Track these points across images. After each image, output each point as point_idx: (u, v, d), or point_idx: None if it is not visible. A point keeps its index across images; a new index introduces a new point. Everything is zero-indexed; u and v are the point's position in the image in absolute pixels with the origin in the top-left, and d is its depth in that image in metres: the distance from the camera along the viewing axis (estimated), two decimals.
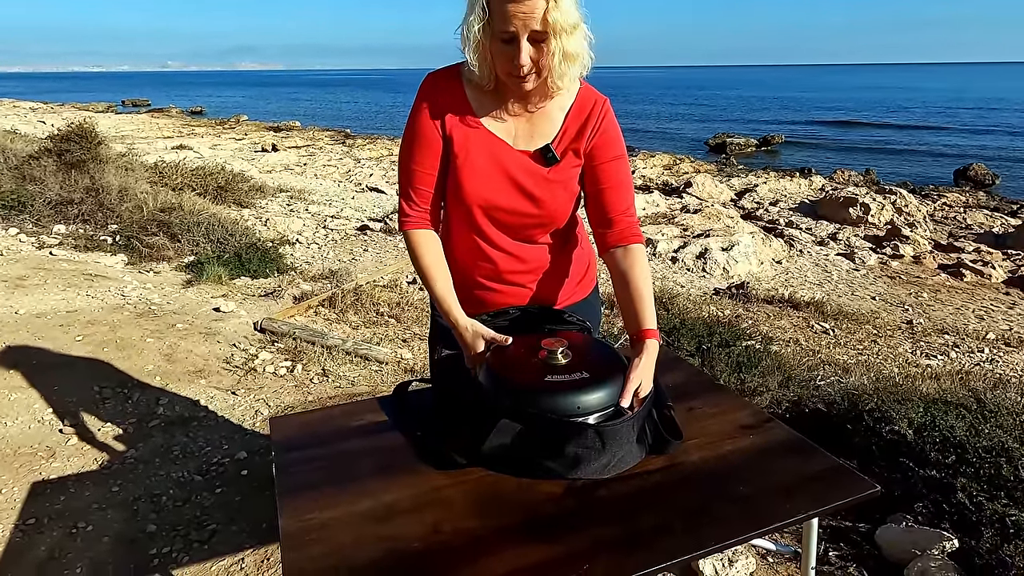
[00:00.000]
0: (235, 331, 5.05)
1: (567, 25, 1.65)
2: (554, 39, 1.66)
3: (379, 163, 18.13)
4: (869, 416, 3.30)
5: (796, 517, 1.51)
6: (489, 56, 1.72)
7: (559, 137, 1.87)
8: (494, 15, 1.65)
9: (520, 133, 1.87)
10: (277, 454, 1.72)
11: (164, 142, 21.14)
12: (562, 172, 1.87)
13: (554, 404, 1.53)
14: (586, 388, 1.56)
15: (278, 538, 1.44)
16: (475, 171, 1.85)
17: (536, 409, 1.53)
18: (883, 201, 11.63)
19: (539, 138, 1.87)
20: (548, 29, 1.64)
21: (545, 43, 1.67)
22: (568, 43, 1.68)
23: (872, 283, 8.39)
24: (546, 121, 1.87)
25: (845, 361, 5.13)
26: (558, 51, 1.67)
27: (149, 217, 7.94)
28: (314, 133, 27.95)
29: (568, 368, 1.62)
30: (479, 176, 1.85)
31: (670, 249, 9.02)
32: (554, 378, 1.58)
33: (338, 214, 10.91)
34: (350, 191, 13.70)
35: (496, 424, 1.56)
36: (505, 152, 1.85)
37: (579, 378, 1.58)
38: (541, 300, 2.06)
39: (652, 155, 20.50)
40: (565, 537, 1.42)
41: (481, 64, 1.74)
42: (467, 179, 1.85)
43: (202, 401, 3.99)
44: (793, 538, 2.79)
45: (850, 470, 1.67)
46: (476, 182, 1.85)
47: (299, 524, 1.46)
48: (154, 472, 3.32)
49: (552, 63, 1.69)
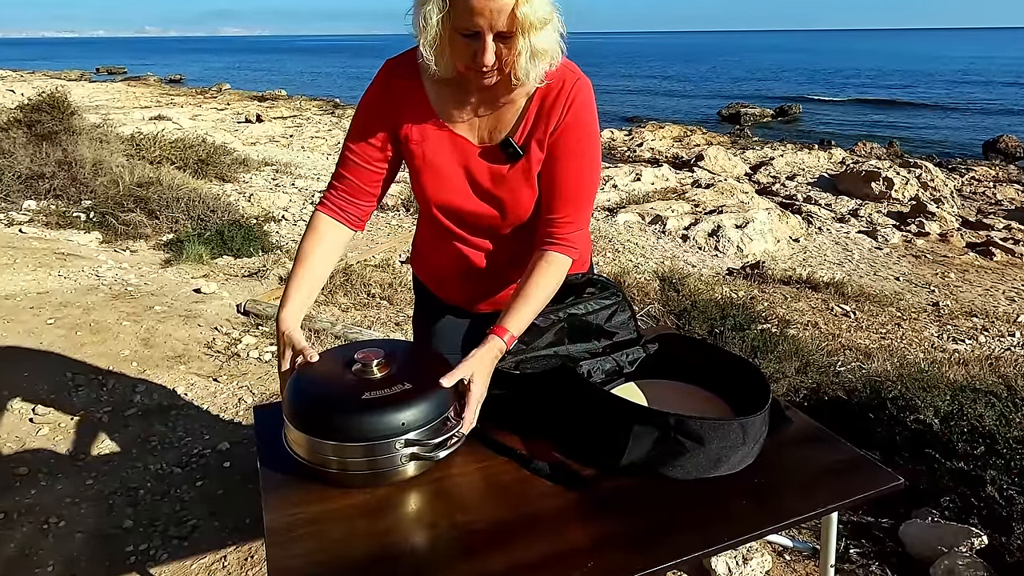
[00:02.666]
0: (217, 314, 5.04)
1: (537, 21, 1.55)
2: (522, 37, 1.57)
3: None
4: (892, 404, 3.29)
5: (814, 512, 1.51)
6: (447, 50, 1.63)
7: (521, 127, 1.77)
8: (456, 8, 1.54)
9: (482, 126, 1.80)
10: (261, 445, 1.71)
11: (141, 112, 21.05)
12: (524, 168, 1.79)
13: (374, 423, 1.49)
14: (409, 401, 1.53)
15: (263, 534, 1.44)
16: (433, 173, 1.82)
17: (362, 428, 1.50)
18: (907, 175, 11.59)
19: (500, 133, 1.79)
20: (516, 27, 1.55)
21: (512, 40, 1.58)
22: (537, 40, 1.58)
23: (896, 262, 8.37)
24: (509, 109, 1.78)
25: (867, 346, 5.12)
26: (525, 50, 1.59)
27: (125, 192, 7.90)
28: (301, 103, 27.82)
29: (386, 382, 1.58)
30: (437, 178, 1.82)
31: (680, 227, 8.99)
32: (372, 394, 1.54)
33: None
34: None
35: (631, 431, 1.56)
36: (466, 150, 1.80)
37: (400, 391, 1.55)
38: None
39: (661, 126, 20.41)
40: (568, 532, 1.43)
41: (438, 57, 1.65)
42: (426, 181, 1.83)
43: (182, 388, 3.98)
44: (811, 534, 2.78)
45: (872, 461, 1.67)
46: (434, 184, 1.83)
47: (285, 519, 1.46)
48: (130, 464, 3.31)
49: (518, 62, 1.61)
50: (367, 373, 1.60)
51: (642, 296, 5.89)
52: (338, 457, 1.51)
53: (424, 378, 1.59)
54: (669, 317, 5.32)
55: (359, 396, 1.53)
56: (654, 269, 7.18)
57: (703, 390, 1.86)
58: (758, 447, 1.62)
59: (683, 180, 12.31)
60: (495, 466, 1.62)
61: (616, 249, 7.99)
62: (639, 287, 6.13)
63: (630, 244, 8.27)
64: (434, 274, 2.11)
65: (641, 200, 10.36)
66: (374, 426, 1.49)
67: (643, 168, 12.57)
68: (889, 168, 11.96)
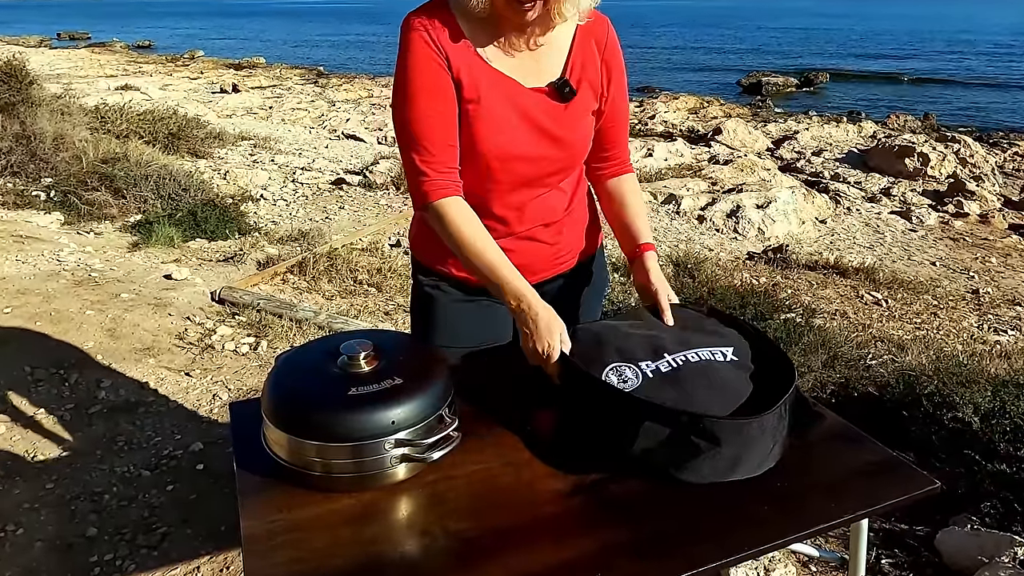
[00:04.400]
0: (189, 302, 5.03)
1: None
2: None
3: (357, 106, 18.01)
4: (928, 401, 3.29)
5: (843, 518, 1.51)
6: None
7: (570, 67, 1.88)
8: None
9: (529, 66, 1.85)
10: (238, 445, 1.70)
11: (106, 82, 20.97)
12: (580, 105, 1.89)
13: (362, 422, 1.49)
14: (400, 398, 1.52)
15: (239, 542, 1.44)
16: (492, 118, 1.82)
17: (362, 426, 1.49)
18: (944, 150, 11.56)
19: (547, 73, 1.86)
20: None
21: None
22: None
23: (932, 246, 8.35)
24: (551, 52, 1.86)
25: (900, 337, 5.11)
26: None
27: (89, 169, 7.89)
28: (281, 71, 27.75)
29: (375, 376, 1.58)
30: (496, 124, 1.82)
31: (696, 206, 8.97)
32: (360, 390, 1.53)
33: (309, 166, 10.85)
34: (323, 139, 13.61)
35: (640, 427, 1.55)
36: (518, 92, 1.84)
37: (390, 386, 1.54)
38: (561, 257, 2.10)
39: (675, 97, 20.35)
40: (573, 540, 1.42)
41: None
42: (483, 128, 1.82)
43: (151, 383, 3.97)
44: (839, 543, 2.78)
45: (906, 463, 1.67)
46: (494, 131, 1.83)
47: (264, 526, 1.45)
48: (95, 466, 3.31)
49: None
50: (354, 367, 1.59)
51: None
52: (322, 458, 1.50)
53: (417, 373, 1.58)
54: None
55: (345, 392, 1.52)
56: (667, 253, 7.17)
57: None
58: (779, 448, 1.61)
59: (699, 156, 12.29)
60: (494, 468, 1.61)
61: None
62: None
63: None
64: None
65: (653, 178, 10.33)
66: (361, 424, 1.48)
67: (655, 143, 12.55)
68: (924, 143, 11.93)
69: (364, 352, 1.60)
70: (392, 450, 1.49)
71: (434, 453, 1.52)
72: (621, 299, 5.36)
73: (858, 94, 26.49)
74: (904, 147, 11.70)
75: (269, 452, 1.57)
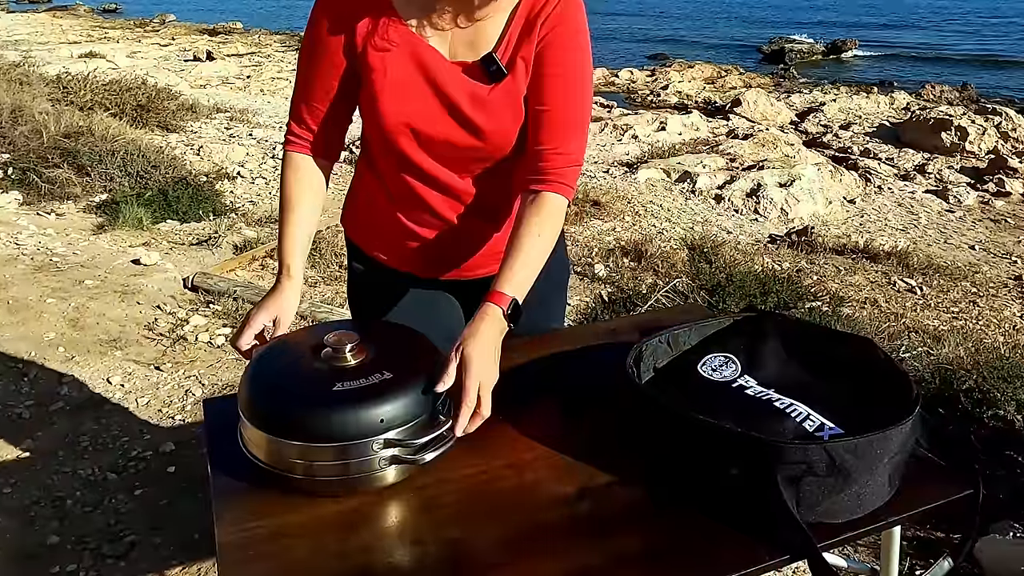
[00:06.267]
0: (160, 289, 5.03)
1: None
2: None
3: None
4: (966, 397, 3.28)
5: (873, 526, 1.51)
6: None
7: (505, 42, 1.77)
8: None
9: (456, 40, 1.78)
10: (213, 445, 1.70)
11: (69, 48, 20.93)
12: (509, 89, 1.79)
13: (347, 419, 1.48)
14: (389, 393, 1.51)
15: (214, 552, 1.44)
16: (396, 87, 1.78)
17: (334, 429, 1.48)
18: (984, 124, 11.54)
19: (481, 47, 1.78)
20: None
21: None
22: None
23: (971, 228, 8.34)
24: (490, 22, 1.77)
25: (936, 328, 5.11)
26: None
27: (50, 144, 7.86)
28: (260, 37, 27.68)
29: (362, 370, 1.57)
30: (401, 93, 1.79)
31: (713, 185, 8.96)
32: (345, 385, 1.53)
33: None
34: None
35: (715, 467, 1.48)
36: (437, 64, 1.78)
37: (378, 381, 1.53)
38: (494, 253, 1.98)
39: (690, 65, 20.32)
40: (576, 550, 1.42)
41: None
42: (386, 98, 1.79)
43: (117, 379, 3.97)
44: (870, 552, 2.78)
45: (941, 465, 1.65)
46: (397, 101, 1.79)
47: (241, 534, 1.45)
48: (56, 469, 3.31)
49: None
50: (339, 360, 1.58)
51: (667, 268, 5.87)
52: (304, 460, 1.49)
53: (408, 366, 1.57)
54: (700, 293, 5.30)
55: (329, 387, 1.52)
56: (682, 236, 7.16)
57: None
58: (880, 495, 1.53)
59: (716, 130, 12.27)
60: (492, 471, 1.61)
61: (636, 212, 7.96)
62: (664, 257, 6.11)
63: (653, 206, 8.24)
64: (383, 232, 2.07)
65: (666, 154, 10.31)
66: (347, 423, 1.47)
67: (669, 115, 12.52)
68: (963, 115, 11.90)
69: (350, 344, 1.59)
70: (381, 451, 1.48)
71: (427, 454, 1.51)
72: (632, 287, 5.36)
73: (890, 62, 26.45)
74: (940, 120, 11.67)
75: (247, 453, 1.57)
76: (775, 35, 31.12)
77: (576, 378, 1.97)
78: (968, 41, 35.00)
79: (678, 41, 31.28)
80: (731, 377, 1.71)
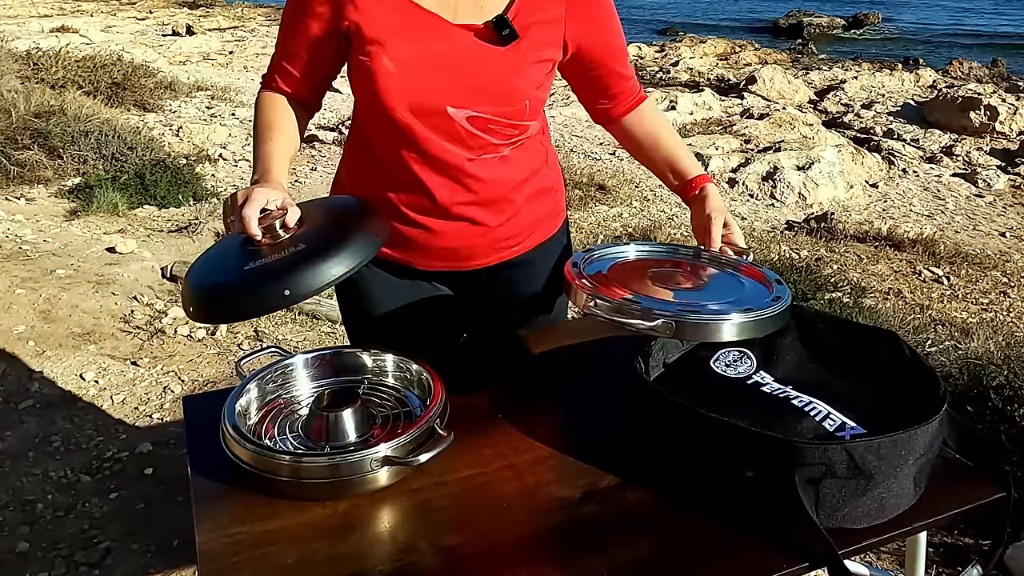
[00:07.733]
0: (136, 279, 5.02)
1: None
2: None
3: None
4: (997, 394, 3.28)
5: (897, 531, 1.50)
6: None
7: (516, 4, 1.77)
8: None
9: (461, 2, 1.76)
10: (193, 446, 1.70)
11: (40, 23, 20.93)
12: (526, 52, 1.79)
13: (246, 301, 1.53)
14: (300, 265, 1.52)
15: (194, 559, 1.44)
16: (400, 61, 1.75)
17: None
18: (1016, 103, 11.54)
19: (489, 9, 1.77)
20: None
21: None
22: None
23: (1001, 214, 8.34)
24: None
25: (964, 320, 5.10)
26: None
27: (19, 124, 7.85)
28: (243, 10, 27.67)
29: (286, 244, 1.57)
30: (406, 68, 1.75)
31: (727, 168, 8.96)
32: (256, 263, 1.54)
33: None
34: None
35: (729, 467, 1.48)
36: (439, 29, 1.76)
37: (290, 254, 1.54)
38: (505, 241, 2.01)
39: (702, 40, 20.31)
40: (580, 557, 1.42)
41: None
42: (385, 77, 1.75)
43: (91, 374, 3.97)
44: (894, 560, 2.78)
45: (970, 467, 1.66)
46: (400, 78, 1.76)
47: (223, 540, 1.45)
48: (26, 470, 3.31)
49: None
50: (273, 237, 1.59)
51: None
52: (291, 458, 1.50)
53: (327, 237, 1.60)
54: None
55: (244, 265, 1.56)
56: None
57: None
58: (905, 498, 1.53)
59: (730, 109, 12.26)
60: (490, 473, 1.61)
61: (645, 197, 7.96)
62: None
63: (662, 190, 8.24)
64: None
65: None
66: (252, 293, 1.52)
67: (679, 94, 12.51)
68: (993, 94, 11.90)
69: (279, 220, 1.59)
70: (373, 452, 1.48)
71: (421, 455, 1.50)
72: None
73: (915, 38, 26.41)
74: (969, 99, 11.66)
75: (229, 454, 1.56)
76: (792, 8, 31.11)
77: (580, 374, 1.97)
78: (999, 18, 34.97)
79: (689, 15, 31.23)
80: (746, 373, 1.72)
